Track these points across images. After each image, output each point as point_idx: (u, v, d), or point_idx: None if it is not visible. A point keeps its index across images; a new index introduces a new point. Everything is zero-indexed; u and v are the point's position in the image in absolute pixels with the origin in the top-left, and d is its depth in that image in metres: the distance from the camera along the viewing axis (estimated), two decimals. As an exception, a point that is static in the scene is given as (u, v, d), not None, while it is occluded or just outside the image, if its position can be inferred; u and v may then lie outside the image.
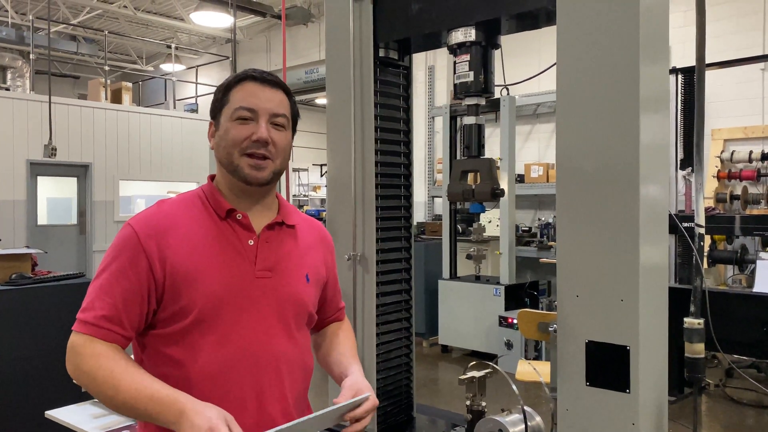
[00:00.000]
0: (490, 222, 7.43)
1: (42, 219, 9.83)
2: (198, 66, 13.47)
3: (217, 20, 10.98)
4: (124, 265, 1.36)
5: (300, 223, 1.58)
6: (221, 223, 1.44)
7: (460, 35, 2.22)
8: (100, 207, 10.21)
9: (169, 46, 12.91)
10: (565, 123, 1.90)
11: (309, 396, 1.57)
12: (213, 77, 13.66)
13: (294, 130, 1.55)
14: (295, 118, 1.54)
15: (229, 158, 1.43)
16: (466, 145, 2.34)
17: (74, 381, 1.36)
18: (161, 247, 1.37)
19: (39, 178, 9.64)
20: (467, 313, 6.40)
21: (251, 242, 1.45)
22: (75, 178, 10.14)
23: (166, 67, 13.90)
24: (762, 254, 5.56)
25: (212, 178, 1.54)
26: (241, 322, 1.40)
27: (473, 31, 2.19)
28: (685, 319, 2.20)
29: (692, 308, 2.23)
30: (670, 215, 2.00)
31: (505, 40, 2.34)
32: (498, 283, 6.29)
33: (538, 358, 5.72)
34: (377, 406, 1.44)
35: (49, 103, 9.04)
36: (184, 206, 1.46)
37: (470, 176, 2.35)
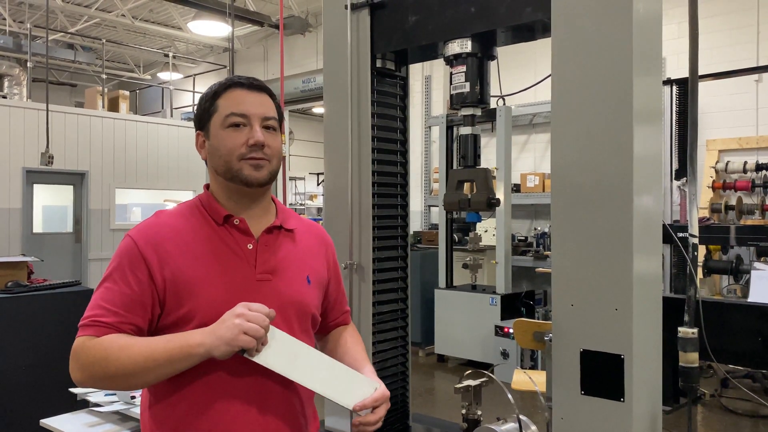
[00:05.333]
0: (486, 231, 7.43)
1: (37, 227, 9.80)
2: (195, 75, 13.49)
3: (214, 29, 11.01)
4: (125, 274, 1.38)
5: (299, 226, 1.59)
6: (219, 229, 1.45)
7: (456, 46, 2.24)
8: (96, 215, 10.20)
9: (166, 55, 12.94)
10: (559, 134, 1.92)
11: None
12: (210, 86, 13.68)
13: (281, 131, 1.56)
14: (281, 119, 1.55)
15: (227, 165, 1.44)
16: (463, 155, 2.36)
17: (82, 383, 1.34)
18: (161, 256, 1.38)
19: (35, 186, 9.63)
20: (463, 323, 6.40)
21: (250, 246, 1.46)
22: (71, 186, 10.13)
23: (164, 75, 13.93)
24: (757, 264, 5.57)
25: (208, 186, 1.55)
26: None
27: (469, 43, 2.22)
28: (680, 329, 2.21)
29: (686, 317, 2.24)
30: (664, 225, 2.02)
31: (501, 50, 2.36)
32: (494, 292, 6.29)
33: (533, 367, 5.72)
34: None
35: (47, 111, 9.04)
36: (182, 215, 1.48)
37: (466, 186, 2.37)
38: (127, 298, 1.36)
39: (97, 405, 2.54)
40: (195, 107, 1.54)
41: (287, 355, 1.29)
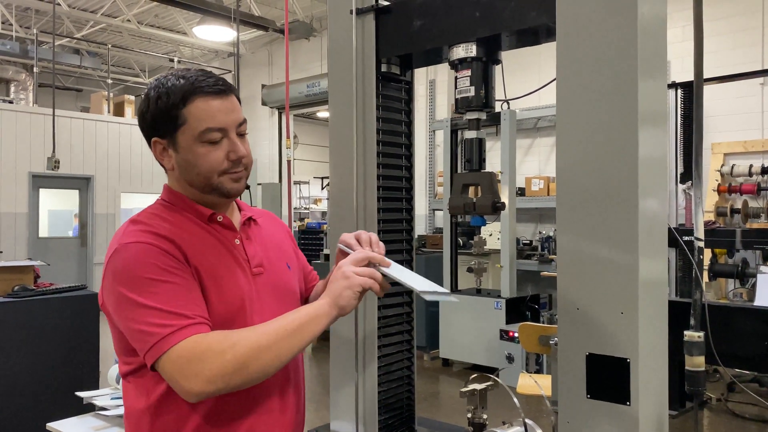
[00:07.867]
0: (491, 235, 7.43)
1: (43, 231, 9.85)
2: (200, 79, 13.52)
3: (219, 34, 11.05)
4: (168, 268, 1.27)
5: (259, 216, 1.58)
6: (208, 227, 1.42)
7: (461, 51, 2.24)
8: (101, 219, 10.24)
9: (171, 60, 13.00)
10: (564, 138, 1.92)
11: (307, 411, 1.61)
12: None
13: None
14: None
15: (207, 181, 1.37)
16: (467, 159, 2.36)
17: (211, 387, 1.19)
18: (178, 246, 1.32)
19: (41, 190, 9.67)
20: (468, 327, 6.40)
21: (237, 241, 1.44)
22: (77, 191, 10.17)
23: (169, 80, 13.94)
24: (763, 268, 5.56)
25: (167, 188, 1.45)
26: (252, 321, 1.38)
27: (474, 47, 2.22)
28: (686, 333, 2.21)
29: (692, 321, 2.24)
30: (669, 229, 2.02)
31: (506, 54, 2.36)
32: (499, 296, 6.29)
33: (539, 371, 5.71)
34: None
35: (53, 115, 9.10)
36: (161, 218, 1.38)
37: (471, 189, 2.37)
38: (183, 288, 1.26)
39: (103, 409, 2.55)
40: (142, 105, 1.40)
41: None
